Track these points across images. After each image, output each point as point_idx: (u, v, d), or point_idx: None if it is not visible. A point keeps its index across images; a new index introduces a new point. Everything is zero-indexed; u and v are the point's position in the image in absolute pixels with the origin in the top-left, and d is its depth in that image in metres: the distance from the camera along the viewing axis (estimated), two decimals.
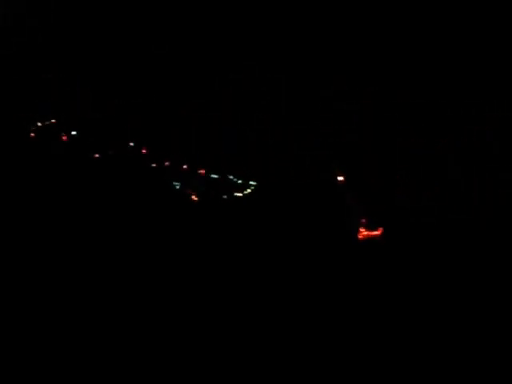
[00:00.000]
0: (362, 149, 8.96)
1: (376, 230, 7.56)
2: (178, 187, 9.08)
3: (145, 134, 10.16)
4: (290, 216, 8.17)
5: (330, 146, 9.11)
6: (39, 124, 10.33)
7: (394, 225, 7.69)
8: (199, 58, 10.14)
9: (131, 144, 10.12)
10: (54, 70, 10.31)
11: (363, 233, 7.57)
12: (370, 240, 7.49)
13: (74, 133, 10.44)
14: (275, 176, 9.09)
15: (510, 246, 6.92)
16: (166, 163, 9.72)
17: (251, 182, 9.34)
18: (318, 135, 9.21)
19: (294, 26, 9.69)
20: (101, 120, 10.23)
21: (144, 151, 9.92)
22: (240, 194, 9.12)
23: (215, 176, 9.61)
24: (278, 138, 9.55)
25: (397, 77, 9.11)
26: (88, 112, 10.28)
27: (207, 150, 9.92)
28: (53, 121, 10.56)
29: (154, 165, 9.61)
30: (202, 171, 9.62)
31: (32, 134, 9.90)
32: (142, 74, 10.40)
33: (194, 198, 8.99)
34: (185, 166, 9.62)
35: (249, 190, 9.08)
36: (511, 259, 6.67)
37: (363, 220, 7.63)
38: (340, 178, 8.59)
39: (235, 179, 9.48)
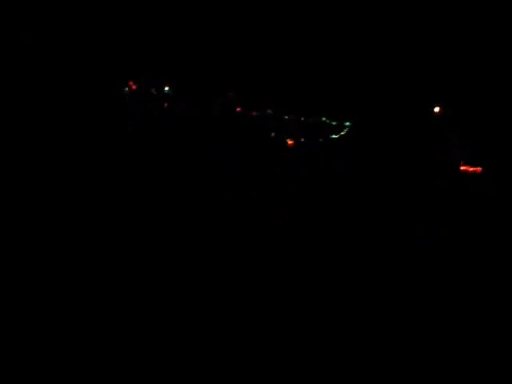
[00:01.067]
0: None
1: (476, 167, 7.24)
2: (273, 134, 8.81)
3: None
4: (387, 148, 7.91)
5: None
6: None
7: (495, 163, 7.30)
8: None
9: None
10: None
11: (464, 167, 7.24)
12: (470, 174, 7.17)
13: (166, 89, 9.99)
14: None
15: None
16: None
17: (347, 123, 8.98)
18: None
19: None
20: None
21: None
22: (336, 136, 8.81)
23: (308, 119, 9.26)
24: None
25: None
26: None
27: None
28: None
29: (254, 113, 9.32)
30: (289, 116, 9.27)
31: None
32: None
33: (289, 142, 8.68)
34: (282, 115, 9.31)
35: (343, 132, 8.76)
36: None
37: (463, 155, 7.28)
38: (436, 109, 8.18)
39: (329, 121, 9.13)
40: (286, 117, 9.62)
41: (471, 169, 7.68)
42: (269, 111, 9.69)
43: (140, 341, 4.57)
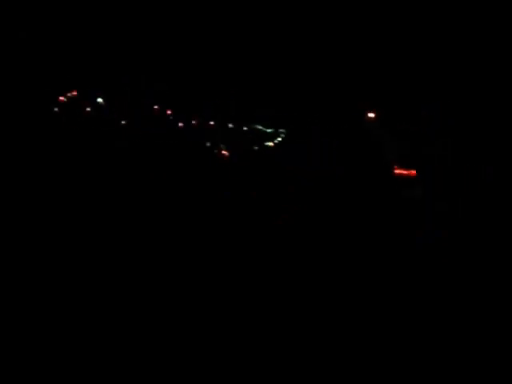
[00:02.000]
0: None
1: (410, 169, 7.42)
2: (208, 144, 8.90)
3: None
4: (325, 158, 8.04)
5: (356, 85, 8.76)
6: (62, 97, 9.97)
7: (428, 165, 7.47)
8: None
9: (156, 107, 9.85)
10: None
11: (397, 171, 7.41)
12: (404, 178, 7.33)
13: (99, 100, 10.10)
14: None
15: None
16: (193, 121, 9.50)
17: (281, 130, 9.13)
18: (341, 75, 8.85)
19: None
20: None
21: (169, 112, 9.66)
22: (271, 144, 8.96)
23: (245, 128, 9.41)
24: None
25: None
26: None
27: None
28: (74, 93, 10.21)
29: (180, 124, 9.40)
30: (230, 124, 9.36)
31: (55, 108, 9.60)
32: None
33: (224, 152, 8.78)
34: (211, 122, 9.36)
35: (279, 139, 8.89)
36: None
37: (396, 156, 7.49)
38: (371, 115, 8.29)
39: (264, 129, 9.27)
40: (221, 125, 9.75)
41: (405, 172, 7.77)
42: (206, 121, 9.83)
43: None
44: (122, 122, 10.14)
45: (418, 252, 6.64)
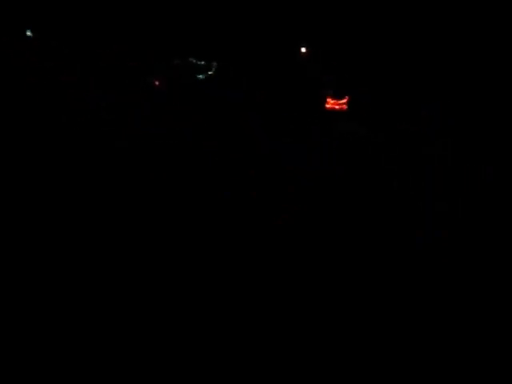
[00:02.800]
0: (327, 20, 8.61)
1: (342, 98, 7.48)
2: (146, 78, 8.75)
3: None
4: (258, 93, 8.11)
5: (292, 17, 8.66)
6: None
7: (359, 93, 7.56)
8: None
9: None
10: None
11: (330, 102, 7.46)
12: (336, 109, 7.39)
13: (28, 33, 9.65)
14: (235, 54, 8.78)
15: None
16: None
17: (213, 63, 8.98)
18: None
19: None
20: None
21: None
22: (202, 76, 8.82)
23: (177, 60, 9.19)
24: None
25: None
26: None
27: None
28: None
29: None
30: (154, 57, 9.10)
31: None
32: None
33: (157, 84, 8.66)
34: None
35: (210, 72, 8.77)
36: None
37: (329, 90, 7.52)
38: (303, 50, 8.24)
39: (197, 61, 9.08)
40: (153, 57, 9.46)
41: (337, 106, 7.82)
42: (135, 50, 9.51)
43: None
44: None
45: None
